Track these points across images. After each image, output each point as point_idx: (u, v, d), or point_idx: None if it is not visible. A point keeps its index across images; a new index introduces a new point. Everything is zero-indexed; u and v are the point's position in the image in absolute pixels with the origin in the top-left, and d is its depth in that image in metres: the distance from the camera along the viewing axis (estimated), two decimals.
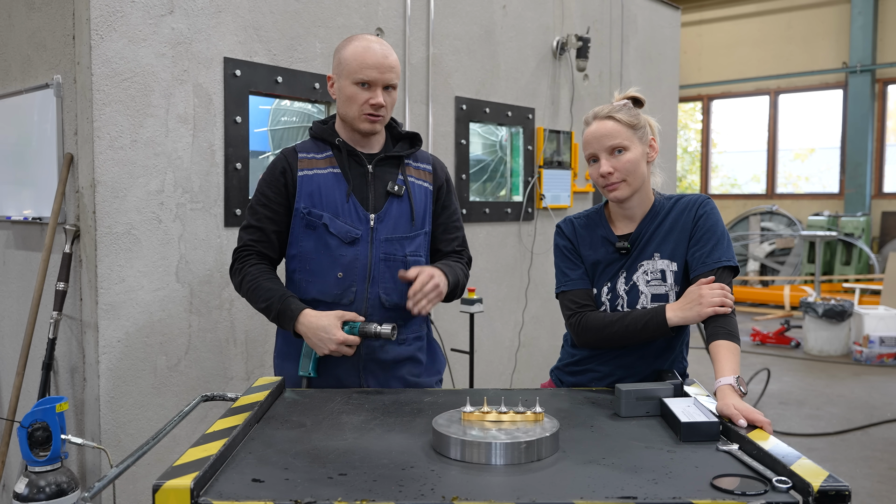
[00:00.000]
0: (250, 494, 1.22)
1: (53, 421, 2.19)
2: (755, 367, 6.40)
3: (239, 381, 2.89)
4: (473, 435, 1.40)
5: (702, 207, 1.99)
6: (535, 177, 4.43)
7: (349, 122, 2.08)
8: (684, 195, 2.05)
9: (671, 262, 1.98)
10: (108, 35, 2.48)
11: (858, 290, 9.06)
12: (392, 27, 3.51)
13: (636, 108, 2.03)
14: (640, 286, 1.98)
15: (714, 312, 1.82)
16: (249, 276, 2.07)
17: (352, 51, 2.03)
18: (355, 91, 2.02)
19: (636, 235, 2.01)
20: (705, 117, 12.88)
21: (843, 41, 11.24)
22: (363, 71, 2.00)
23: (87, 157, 2.50)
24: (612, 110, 1.99)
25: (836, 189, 11.48)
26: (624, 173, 1.94)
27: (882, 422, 5.18)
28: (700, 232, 1.96)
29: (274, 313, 2.02)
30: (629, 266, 2.00)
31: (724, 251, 1.93)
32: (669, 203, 2.03)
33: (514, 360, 4.32)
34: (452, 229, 2.22)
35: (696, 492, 1.23)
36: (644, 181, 1.99)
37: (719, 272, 1.90)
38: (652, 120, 2.07)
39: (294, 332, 2.00)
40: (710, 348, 1.80)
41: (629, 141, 1.95)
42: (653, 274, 1.98)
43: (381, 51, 2.03)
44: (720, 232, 1.95)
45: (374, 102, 2.02)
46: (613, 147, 1.94)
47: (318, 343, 1.95)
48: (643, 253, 2.00)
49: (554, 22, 4.52)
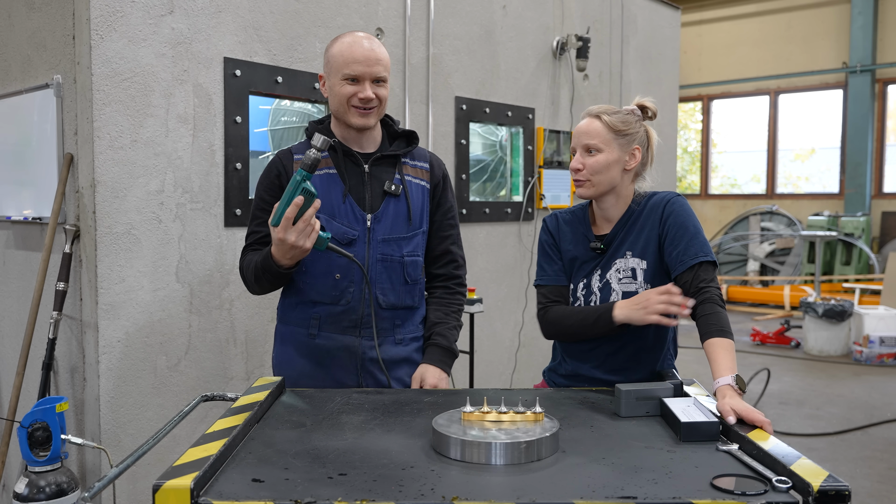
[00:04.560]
0: (250, 494, 1.22)
1: (53, 421, 2.19)
2: (755, 367, 6.39)
3: (239, 381, 2.89)
4: (473, 435, 1.40)
5: (669, 206, 2.01)
6: (535, 177, 4.44)
7: (342, 119, 2.07)
8: (656, 193, 2.08)
9: (641, 261, 2.02)
10: (108, 35, 2.48)
11: (858, 290, 9.06)
12: (392, 27, 3.51)
13: (634, 117, 2.05)
14: (612, 283, 2.03)
15: (658, 322, 1.85)
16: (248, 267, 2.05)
17: (338, 47, 2.03)
18: (343, 86, 2.02)
19: (611, 237, 2.06)
20: (705, 117, 12.88)
21: (843, 41, 11.24)
22: (350, 66, 2.00)
23: (87, 157, 2.50)
24: (603, 111, 2.04)
25: (836, 189, 11.48)
26: (590, 173, 2.01)
27: (882, 422, 5.17)
28: (672, 231, 1.97)
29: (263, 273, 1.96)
30: (604, 264, 2.05)
31: (699, 247, 1.93)
32: (643, 202, 2.07)
33: (514, 360, 4.32)
34: (447, 227, 2.21)
35: (696, 492, 1.23)
36: (614, 186, 2.04)
37: (696, 269, 1.91)
38: (652, 132, 2.10)
39: (283, 268, 1.92)
40: (704, 347, 1.81)
41: (606, 145, 2.00)
42: (625, 272, 2.03)
43: (368, 45, 2.02)
44: (692, 228, 1.97)
45: (363, 96, 2.01)
46: (589, 146, 2.01)
47: (286, 251, 1.84)
48: (617, 252, 2.05)
49: (554, 22, 4.52)
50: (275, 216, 1.81)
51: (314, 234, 1.82)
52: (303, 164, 1.78)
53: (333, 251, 1.92)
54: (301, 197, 1.77)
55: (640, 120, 2.07)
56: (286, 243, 1.81)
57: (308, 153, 1.78)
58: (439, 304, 2.20)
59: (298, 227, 1.80)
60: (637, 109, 2.06)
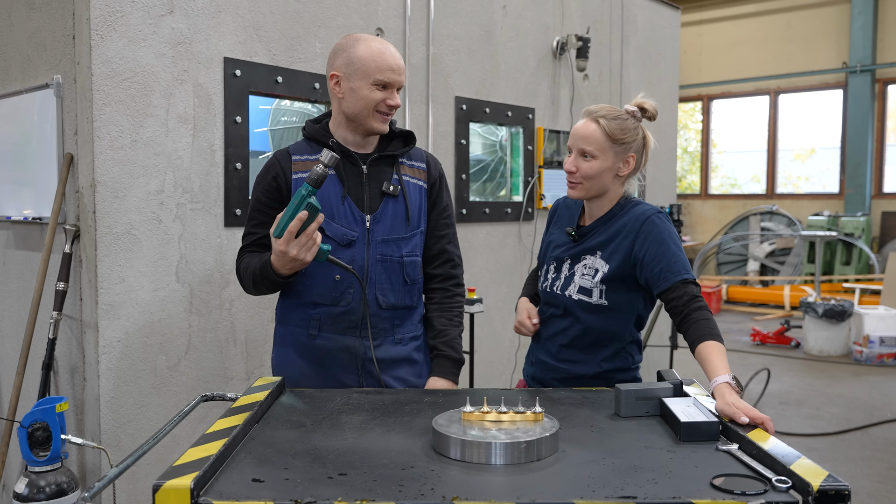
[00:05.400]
0: (250, 494, 1.22)
1: (53, 421, 2.19)
2: (755, 367, 6.39)
3: (239, 381, 2.89)
4: (473, 435, 1.40)
5: (648, 223, 2.02)
6: (535, 177, 4.44)
7: (359, 121, 2.07)
8: (640, 204, 2.11)
9: (605, 263, 2.06)
10: (108, 35, 2.48)
11: (858, 290, 9.06)
12: (392, 27, 3.51)
13: (633, 120, 2.06)
14: (576, 275, 2.10)
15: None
16: (245, 270, 2.07)
17: (367, 51, 2.03)
18: (373, 92, 2.03)
19: (587, 230, 2.13)
20: (705, 117, 12.88)
21: (843, 41, 11.24)
22: (384, 73, 2.02)
23: (87, 157, 2.50)
24: (602, 114, 2.05)
25: (836, 189, 11.48)
26: (582, 177, 2.06)
27: (882, 422, 5.18)
28: (654, 248, 1.99)
29: (262, 280, 1.98)
30: (575, 256, 2.12)
31: (681, 265, 1.96)
32: (625, 207, 2.10)
33: (514, 360, 4.32)
34: (443, 226, 2.21)
35: (695, 491, 1.23)
36: (604, 190, 2.09)
37: (683, 286, 1.93)
38: (650, 136, 2.12)
39: (282, 276, 1.94)
40: (697, 350, 1.81)
41: (600, 152, 2.04)
42: (589, 269, 2.08)
43: (396, 53, 2.07)
44: (674, 246, 1.99)
45: (392, 104, 2.05)
46: (584, 151, 2.05)
47: (286, 263, 1.86)
48: (589, 249, 2.10)
49: (554, 22, 4.52)
50: (277, 227, 1.82)
51: (315, 247, 1.85)
52: (309, 179, 1.80)
53: (333, 263, 1.94)
54: (305, 212, 1.79)
55: (638, 123, 2.07)
56: (287, 256, 1.83)
57: (315, 168, 1.81)
58: (440, 308, 2.20)
59: (301, 240, 1.82)
60: (637, 111, 2.07)
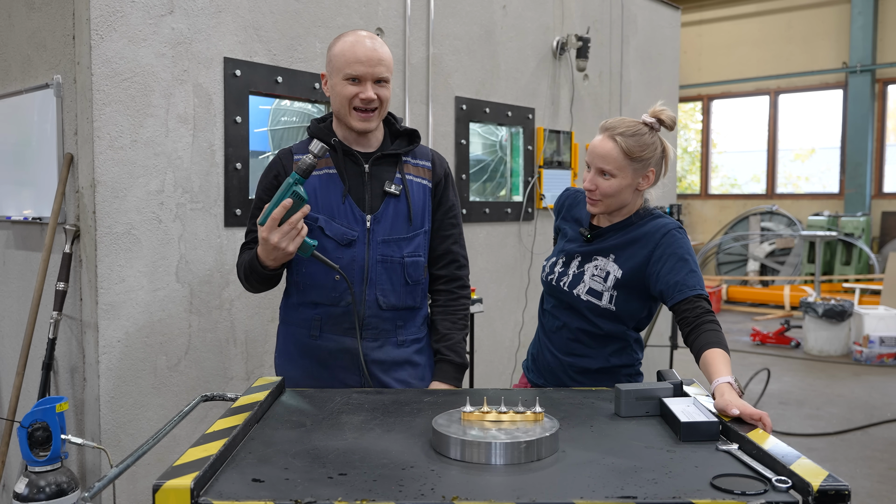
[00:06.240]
0: (250, 494, 1.22)
1: (53, 421, 2.19)
2: (755, 367, 6.39)
3: (239, 381, 2.89)
4: (473, 435, 1.40)
5: (669, 236, 2.03)
6: (535, 177, 4.43)
7: (343, 121, 2.06)
8: (662, 217, 2.11)
9: (618, 269, 2.06)
10: (108, 35, 2.48)
11: (858, 290, 9.06)
12: (392, 27, 3.51)
13: (651, 133, 2.04)
14: (585, 275, 2.09)
15: None
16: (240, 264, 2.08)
17: (340, 46, 2.01)
18: (345, 86, 2.00)
19: (601, 232, 2.12)
20: (705, 117, 12.88)
21: (843, 41, 11.24)
22: (352, 66, 1.98)
23: (87, 157, 2.50)
24: (620, 130, 2.02)
25: (836, 189, 11.48)
26: (602, 195, 2.05)
27: (882, 422, 5.18)
28: (672, 260, 1.99)
29: (251, 273, 1.99)
30: (586, 255, 2.11)
31: (696, 280, 1.97)
32: (645, 218, 2.09)
33: (514, 360, 4.32)
34: (448, 226, 2.18)
35: (696, 491, 1.23)
36: (624, 204, 2.08)
37: (697, 300, 1.93)
38: (669, 147, 2.10)
39: (268, 269, 1.94)
40: (703, 356, 1.81)
41: (620, 171, 2.03)
42: (601, 270, 2.08)
43: (370, 44, 2.00)
44: (692, 262, 2.01)
45: (364, 97, 1.99)
46: (602, 170, 2.04)
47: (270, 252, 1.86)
48: (601, 250, 2.09)
49: (554, 22, 4.52)
50: (263, 215, 1.83)
51: (299, 238, 1.84)
52: (297, 168, 1.80)
53: (318, 259, 1.93)
54: (290, 200, 1.79)
55: (656, 135, 2.06)
56: (269, 243, 1.83)
57: (304, 158, 1.80)
58: (444, 311, 2.19)
59: (283, 229, 1.82)
60: (655, 122, 2.05)
